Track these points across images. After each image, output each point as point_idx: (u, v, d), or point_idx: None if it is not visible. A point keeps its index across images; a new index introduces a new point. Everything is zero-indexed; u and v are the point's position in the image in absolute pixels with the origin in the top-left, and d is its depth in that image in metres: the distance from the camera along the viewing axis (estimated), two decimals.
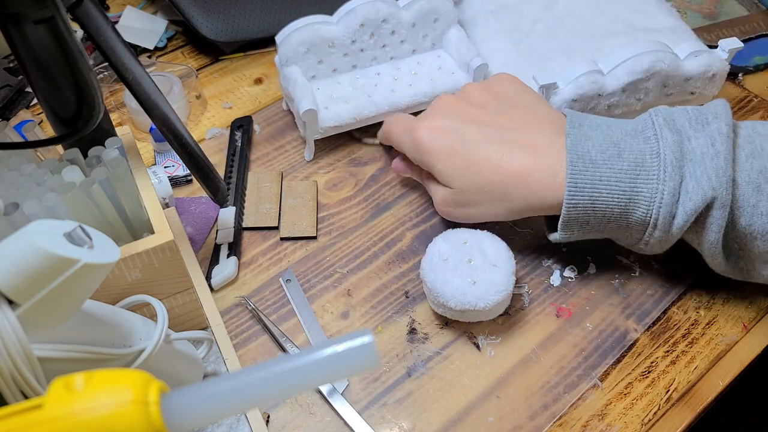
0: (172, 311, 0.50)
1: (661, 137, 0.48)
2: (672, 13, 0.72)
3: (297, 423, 0.50)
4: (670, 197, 0.47)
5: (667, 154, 0.47)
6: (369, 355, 0.28)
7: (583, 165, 0.48)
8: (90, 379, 0.27)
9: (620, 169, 0.48)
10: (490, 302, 0.51)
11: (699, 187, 0.47)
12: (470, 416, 0.51)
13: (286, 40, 0.65)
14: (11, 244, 0.32)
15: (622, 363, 0.53)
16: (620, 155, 0.48)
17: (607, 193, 0.48)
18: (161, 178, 0.61)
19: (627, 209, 0.49)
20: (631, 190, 0.48)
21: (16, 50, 0.41)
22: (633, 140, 0.49)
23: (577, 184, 0.48)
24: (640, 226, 0.50)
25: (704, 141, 0.48)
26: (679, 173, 0.47)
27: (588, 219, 0.50)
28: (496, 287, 0.51)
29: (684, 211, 0.47)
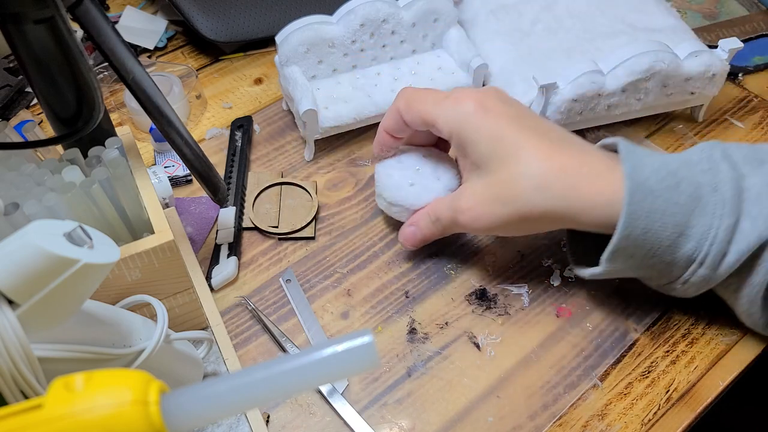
0: (172, 311, 0.50)
1: (718, 171, 0.46)
2: (672, 13, 0.72)
3: (297, 423, 0.50)
4: (725, 235, 0.45)
5: (726, 189, 0.45)
6: (369, 355, 0.28)
7: (642, 194, 0.45)
8: (90, 379, 0.27)
9: (677, 202, 0.45)
10: (419, 204, 0.56)
11: (755, 227, 0.45)
12: (470, 416, 0.51)
13: (286, 40, 0.65)
14: (11, 244, 0.32)
15: (622, 363, 0.53)
16: (678, 186, 0.46)
17: (660, 225, 0.45)
18: (161, 178, 0.61)
19: (677, 242, 0.46)
20: (685, 223, 0.46)
21: (16, 50, 0.41)
22: (690, 171, 0.47)
23: (633, 213, 0.45)
24: (685, 262, 0.47)
25: (761, 180, 0.46)
26: (736, 212, 0.45)
27: (635, 251, 0.47)
28: (429, 194, 0.56)
29: (737, 250, 0.45)
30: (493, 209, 0.50)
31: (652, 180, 0.46)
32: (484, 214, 0.51)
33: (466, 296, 0.57)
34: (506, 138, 0.49)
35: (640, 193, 0.45)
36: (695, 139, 0.69)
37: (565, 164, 0.47)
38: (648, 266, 0.48)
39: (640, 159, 0.47)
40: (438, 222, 0.55)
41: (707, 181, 0.46)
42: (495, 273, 0.59)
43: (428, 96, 0.53)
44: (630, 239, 0.46)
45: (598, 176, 0.47)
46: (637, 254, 0.47)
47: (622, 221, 0.45)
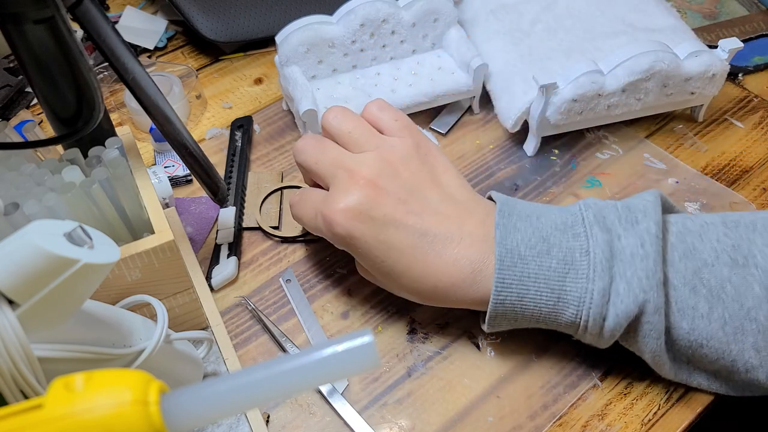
0: (172, 311, 0.50)
1: (590, 235, 0.46)
2: (672, 13, 0.72)
3: (297, 423, 0.50)
4: (600, 297, 0.45)
5: (597, 252, 0.45)
6: (369, 355, 0.28)
7: (511, 260, 0.46)
8: (90, 379, 0.27)
9: (549, 267, 0.46)
10: None
11: (630, 289, 0.45)
12: (470, 416, 0.51)
13: (286, 40, 0.65)
14: (11, 244, 0.32)
15: (622, 363, 0.53)
16: (549, 252, 0.46)
17: (535, 290, 0.46)
18: (161, 178, 0.61)
19: (556, 308, 0.47)
20: (560, 288, 0.46)
21: (16, 50, 0.41)
22: (562, 236, 0.47)
23: (504, 280, 0.46)
24: (571, 327, 0.48)
25: (634, 241, 0.46)
26: (609, 273, 0.45)
27: (515, 315, 0.48)
28: None
29: (615, 313, 0.45)
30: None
31: (522, 247, 0.47)
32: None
33: None
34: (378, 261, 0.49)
35: (510, 259, 0.46)
36: (695, 139, 0.69)
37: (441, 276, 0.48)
38: (539, 326, 0.49)
39: (513, 225, 0.47)
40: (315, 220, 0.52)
41: (578, 246, 0.46)
42: None
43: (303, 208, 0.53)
44: (506, 305, 0.47)
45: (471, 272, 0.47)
46: (520, 319, 0.48)
47: (494, 287, 0.46)
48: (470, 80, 0.68)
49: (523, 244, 0.47)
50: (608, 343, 0.48)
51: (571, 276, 0.46)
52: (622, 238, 0.46)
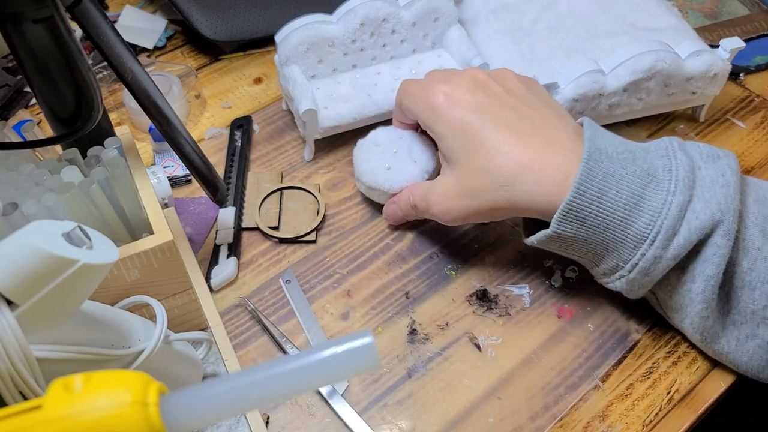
0: (172, 312, 0.49)
1: (674, 157, 0.47)
2: (673, 12, 0.72)
3: (297, 424, 0.50)
4: (677, 211, 0.45)
5: (679, 171, 0.46)
6: (370, 356, 0.28)
7: (599, 156, 0.46)
8: (89, 380, 0.27)
9: (632, 173, 0.46)
10: (395, 188, 0.59)
11: (707, 208, 0.45)
12: (471, 417, 0.50)
13: (286, 39, 0.65)
14: (10, 244, 0.32)
15: (623, 364, 0.53)
16: (634, 161, 0.47)
17: (616, 191, 0.46)
18: (160, 178, 0.60)
19: (631, 215, 0.46)
20: (640, 195, 0.46)
21: (15, 50, 0.41)
22: (647, 154, 0.48)
23: (591, 171, 0.46)
24: (637, 240, 0.47)
25: (714, 171, 0.47)
26: (689, 192, 0.46)
27: (588, 215, 0.47)
28: (405, 177, 0.59)
29: (688, 229, 0.45)
30: (461, 203, 0.52)
31: (610, 149, 0.47)
32: (453, 208, 0.53)
33: (466, 297, 0.57)
34: (471, 132, 0.50)
35: (598, 155, 0.46)
36: (696, 139, 0.69)
37: (528, 161, 0.48)
38: (598, 242, 0.48)
39: (600, 132, 0.49)
40: (415, 207, 0.57)
41: (662, 164, 0.47)
42: (496, 273, 0.59)
43: (413, 88, 0.56)
44: (585, 198, 0.46)
45: (561, 172, 0.47)
46: (590, 221, 0.47)
47: (577, 177, 0.46)
48: None
49: (611, 148, 0.47)
50: (654, 279, 0.48)
51: (652, 186, 0.46)
52: (702, 168, 0.47)
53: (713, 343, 0.50)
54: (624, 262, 0.48)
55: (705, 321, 0.48)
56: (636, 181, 0.46)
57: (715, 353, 0.51)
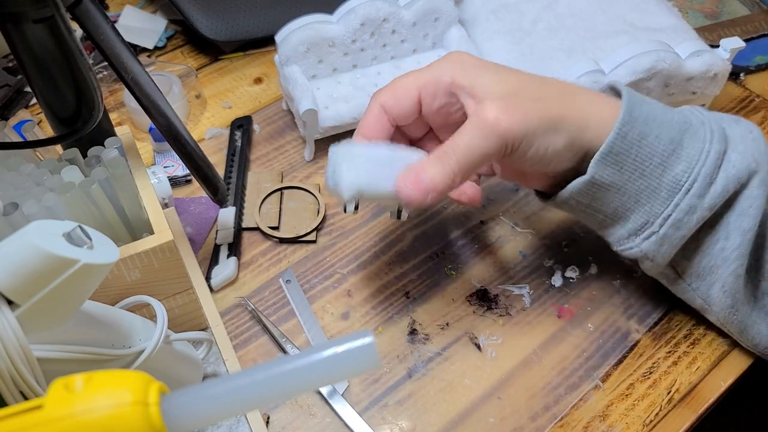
0: (172, 312, 0.49)
1: (702, 114, 0.48)
2: (673, 12, 0.72)
3: (297, 424, 0.50)
4: (715, 159, 0.45)
5: (713, 124, 0.47)
6: (370, 356, 0.28)
7: (640, 102, 0.46)
8: (90, 380, 0.27)
9: (672, 119, 0.46)
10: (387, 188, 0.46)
11: (743, 158, 0.46)
12: (471, 417, 0.50)
13: (286, 39, 0.65)
14: (10, 244, 0.32)
15: (623, 364, 0.53)
16: (671, 111, 0.47)
17: (656, 135, 0.45)
18: (161, 178, 0.60)
19: (669, 160, 0.46)
20: (679, 141, 0.46)
21: (16, 50, 0.41)
22: (678, 113, 0.48)
23: (633, 112, 0.45)
24: (671, 188, 0.46)
25: (741, 130, 0.48)
26: (724, 143, 0.46)
27: (627, 159, 0.46)
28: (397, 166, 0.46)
29: (725, 177, 0.45)
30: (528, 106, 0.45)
31: (648, 99, 0.47)
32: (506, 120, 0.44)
33: (467, 297, 0.57)
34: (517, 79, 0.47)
35: (639, 100, 0.46)
36: None
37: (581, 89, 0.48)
38: (632, 191, 0.47)
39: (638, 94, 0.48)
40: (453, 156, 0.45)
41: (695, 119, 0.48)
42: (496, 273, 0.59)
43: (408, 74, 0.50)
44: (626, 141, 0.45)
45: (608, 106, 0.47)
46: (628, 165, 0.46)
47: (620, 118, 0.45)
48: None
49: (649, 99, 0.48)
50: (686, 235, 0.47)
51: (689, 134, 0.46)
52: (729, 128, 0.48)
53: (744, 305, 0.49)
54: (655, 216, 0.47)
55: (738, 280, 0.48)
56: (675, 127, 0.46)
57: (742, 319, 0.50)
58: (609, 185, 0.47)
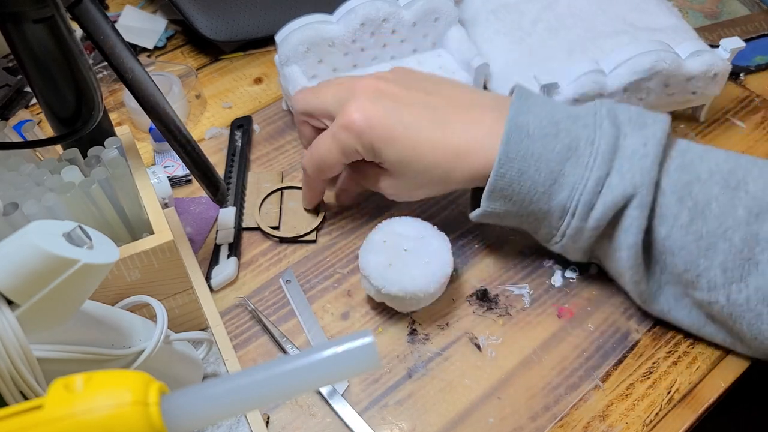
0: (172, 312, 0.49)
1: (599, 127, 0.49)
2: (673, 12, 0.72)
3: (297, 424, 0.50)
4: (594, 186, 0.48)
5: (601, 144, 0.48)
6: (370, 356, 0.28)
7: (518, 137, 0.48)
8: (90, 380, 0.27)
9: (553, 149, 0.48)
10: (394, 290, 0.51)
11: (621, 182, 0.47)
12: (471, 417, 0.50)
13: (286, 39, 0.65)
14: (10, 244, 0.32)
15: (623, 364, 0.53)
16: (557, 135, 0.49)
17: (535, 169, 0.49)
18: (160, 178, 0.60)
19: (551, 190, 0.49)
20: (559, 171, 0.49)
21: (16, 50, 0.41)
22: (572, 124, 0.49)
23: (509, 154, 0.48)
24: (560, 212, 0.50)
25: (638, 141, 0.48)
26: (607, 165, 0.48)
27: (512, 193, 0.50)
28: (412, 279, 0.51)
29: (603, 203, 0.48)
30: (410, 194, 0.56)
31: (532, 126, 0.49)
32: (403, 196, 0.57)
33: (467, 297, 0.57)
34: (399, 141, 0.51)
35: (518, 135, 0.49)
36: (697, 139, 0.69)
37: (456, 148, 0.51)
38: (527, 213, 0.51)
39: (527, 105, 0.50)
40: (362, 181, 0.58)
41: (586, 136, 0.49)
42: (496, 273, 0.59)
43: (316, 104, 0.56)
44: (506, 179, 0.49)
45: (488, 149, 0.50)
46: (515, 198, 0.50)
47: (497, 160, 0.49)
48: (471, 80, 0.68)
49: (534, 124, 0.49)
50: (585, 242, 0.51)
51: (572, 162, 0.49)
52: (627, 137, 0.49)
53: (653, 304, 0.52)
54: (555, 230, 0.52)
55: (638, 285, 0.51)
56: (555, 158, 0.49)
57: (657, 314, 0.53)
58: (505, 213, 0.52)
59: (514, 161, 0.48)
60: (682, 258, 0.48)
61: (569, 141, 0.49)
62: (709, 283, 0.48)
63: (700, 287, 0.49)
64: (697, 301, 0.50)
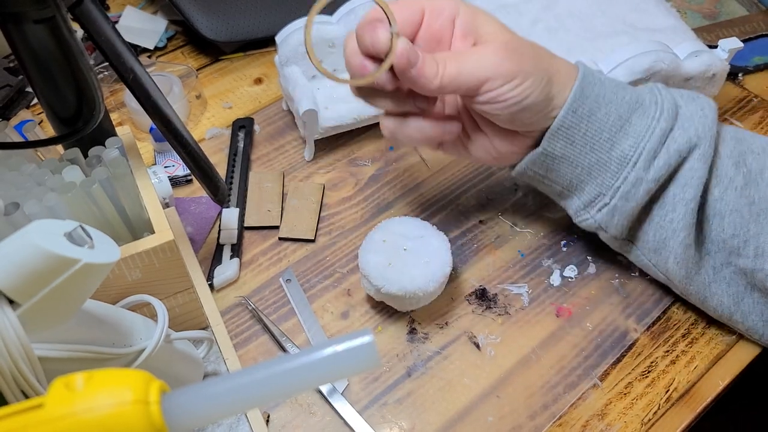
0: (173, 311, 0.50)
1: (659, 92, 0.51)
2: (672, 13, 0.72)
3: (297, 423, 0.50)
4: (660, 135, 0.49)
5: (664, 104, 0.50)
6: (370, 355, 0.28)
7: (592, 79, 0.49)
8: (90, 379, 0.27)
9: (622, 98, 0.49)
10: (394, 289, 0.51)
11: (685, 134, 0.49)
12: (470, 416, 0.51)
13: (286, 40, 0.65)
14: (12, 243, 0.32)
15: (622, 363, 0.53)
16: (624, 88, 0.50)
17: (605, 112, 0.49)
18: (161, 177, 0.61)
19: (616, 137, 0.49)
20: (627, 119, 0.49)
21: (17, 50, 0.41)
22: (635, 90, 0.51)
23: (584, 90, 0.48)
24: (620, 162, 0.50)
25: (694, 108, 0.50)
26: (671, 121, 0.49)
27: (577, 134, 0.49)
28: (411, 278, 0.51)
29: (667, 152, 0.48)
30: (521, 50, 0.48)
31: (602, 76, 0.50)
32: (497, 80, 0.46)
33: (466, 296, 0.57)
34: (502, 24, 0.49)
35: (591, 78, 0.49)
36: None
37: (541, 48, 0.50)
38: (582, 165, 0.51)
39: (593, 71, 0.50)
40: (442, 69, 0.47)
41: (649, 97, 0.50)
42: (495, 273, 0.59)
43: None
44: (576, 116, 0.49)
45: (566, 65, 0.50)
46: (578, 140, 0.50)
47: (571, 95, 0.48)
48: None
49: (603, 76, 0.50)
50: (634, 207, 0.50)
51: (639, 113, 0.50)
52: (683, 107, 0.50)
53: (696, 275, 0.52)
54: (606, 189, 0.51)
55: (688, 250, 0.51)
56: (624, 106, 0.49)
57: (698, 289, 0.52)
58: (561, 157, 0.51)
59: (587, 100, 0.48)
60: (732, 221, 0.49)
61: (636, 96, 0.50)
62: (757, 249, 0.49)
63: (746, 254, 0.50)
64: (741, 269, 0.50)
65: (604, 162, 0.50)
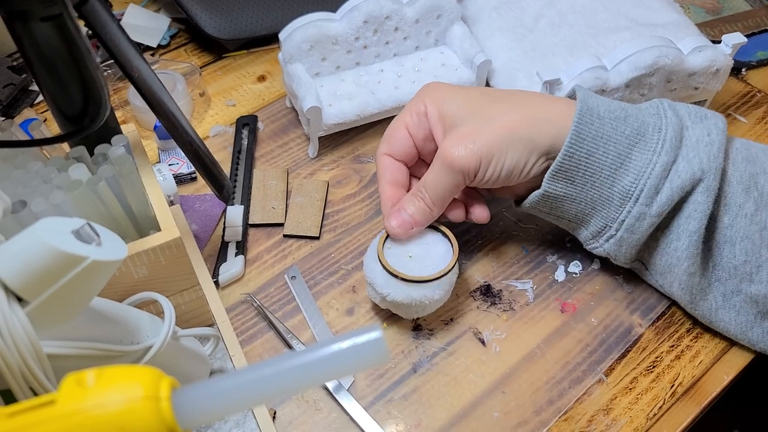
0: (179, 308, 0.50)
1: (665, 116, 0.49)
2: (675, 8, 0.72)
3: (303, 419, 0.50)
4: (661, 171, 0.48)
5: (668, 131, 0.48)
6: (379, 350, 0.28)
7: (590, 117, 0.48)
8: (101, 375, 0.28)
9: (622, 132, 0.49)
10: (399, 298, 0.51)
11: (689, 167, 0.48)
12: (476, 411, 0.51)
13: (290, 37, 0.65)
14: (20, 241, 0.32)
15: (627, 358, 0.53)
16: (626, 119, 0.49)
17: (603, 151, 0.48)
18: (166, 175, 0.61)
19: (616, 174, 0.49)
20: (627, 155, 0.49)
21: (23, 48, 0.41)
22: (639, 112, 0.50)
23: (580, 133, 0.48)
24: (622, 197, 0.49)
25: (701, 131, 0.49)
26: (674, 152, 0.48)
27: (576, 175, 0.49)
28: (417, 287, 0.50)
29: (670, 187, 0.48)
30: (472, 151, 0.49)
31: (602, 108, 0.49)
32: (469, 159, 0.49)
33: (470, 292, 0.57)
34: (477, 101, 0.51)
35: (589, 116, 0.48)
36: None
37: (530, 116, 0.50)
38: (585, 201, 0.51)
39: (594, 96, 0.50)
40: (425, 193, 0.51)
41: (653, 123, 0.49)
42: (499, 269, 0.59)
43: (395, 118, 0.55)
44: (573, 159, 0.49)
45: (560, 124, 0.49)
46: (578, 180, 0.50)
47: (568, 139, 0.48)
48: (474, 76, 0.68)
49: (603, 108, 0.49)
50: (639, 239, 0.50)
51: (639, 146, 0.49)
52: (689, 129, 0.50)
53: (702, 301, 0.52)
54: (611, 221, 0.51)
55: (692, 278, 0.50)
56: (624, 141, 0.49)
57: (704, 313, 0.52)
58: (563, 197, 0.51)
59: (585, 141, 0.48)
60: (744, 248, 0.49)
61: (638, 126, 0.49)
62: None
63: (758, 279, 0.49)
64: (751, 297, 0.50)
65: (607, 197, 0.50)
